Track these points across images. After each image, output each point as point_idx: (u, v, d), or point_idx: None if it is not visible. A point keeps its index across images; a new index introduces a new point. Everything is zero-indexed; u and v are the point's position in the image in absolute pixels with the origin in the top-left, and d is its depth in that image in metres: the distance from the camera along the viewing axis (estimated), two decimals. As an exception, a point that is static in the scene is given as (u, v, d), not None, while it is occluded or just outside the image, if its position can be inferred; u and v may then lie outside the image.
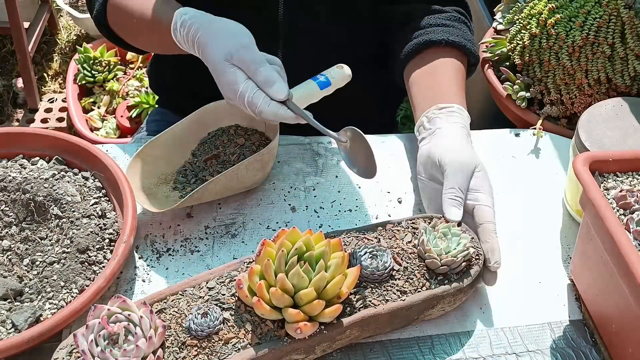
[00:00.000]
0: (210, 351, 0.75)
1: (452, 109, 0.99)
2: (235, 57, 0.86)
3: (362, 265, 0.81)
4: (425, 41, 1.09)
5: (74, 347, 0.75)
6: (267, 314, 0.76)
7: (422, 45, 1.09)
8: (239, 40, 0.88)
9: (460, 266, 0.84)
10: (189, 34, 0.91)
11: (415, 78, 1.08)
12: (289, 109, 0.87)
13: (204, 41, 0.90)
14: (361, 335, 0.82)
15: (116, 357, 0.72)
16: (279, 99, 0.86)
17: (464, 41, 1.10)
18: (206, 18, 0.92)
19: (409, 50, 1.10)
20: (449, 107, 0.99)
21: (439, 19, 1.12)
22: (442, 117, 0.98)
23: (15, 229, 0.88)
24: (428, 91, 1.05)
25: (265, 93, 0.86)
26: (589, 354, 0.85)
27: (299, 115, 0.87)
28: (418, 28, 1.11)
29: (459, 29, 1.11)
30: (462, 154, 0.92)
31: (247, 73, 0.86)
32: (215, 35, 0.89)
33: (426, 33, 1.10)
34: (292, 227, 0.80)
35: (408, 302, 0.81)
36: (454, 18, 1.13)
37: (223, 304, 0.80)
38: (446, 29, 1.10)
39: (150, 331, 0.74)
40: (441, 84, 1.05)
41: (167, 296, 0.81)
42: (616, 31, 1.13)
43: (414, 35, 1.11)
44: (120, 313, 0.75)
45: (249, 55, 0.86)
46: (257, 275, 0.78)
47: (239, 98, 0.87)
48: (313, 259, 0.78)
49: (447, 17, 1.13)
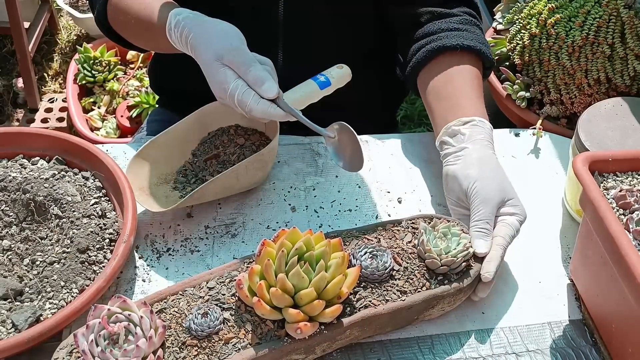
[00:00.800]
0: (211, 351, 0.75)
1: (474, 122, 0.97)
2: (226, 57, 0.87)
3: (362, 265, 0.81)
4: (439, 47, 1.06)
5: (74, 347, 0.75)
6: (267, 314, 0.76)
7: (436, 51, 1.06)
8: (230, 41, 0.89)
9: (460, 266, 0.84)
10: (182, 35, 0.92)
11: (432, 87, 1.06)
12: (279, 107, 0.88)
13: (196, 42, 0.90)
14: (361, 335, 0.82)
15: (116, 357, 0.72)
16: (268, 97, 0.87)
17: (478, 45, 1.07)
18: (198, 19, 0.93)
19: (422, 57, 1.07)
20: (471, 120, 0.97)
21: (451, 22, 1.09)
22: (466, 133, 0.96)
23: (16, 228, 0.88)
24: (447, 102, 1.02)
25: (255, 92, 0.87)
26: (589, 354, 0.85)
27: (289, 113, 0.88)
28: (429, 33, 1.09)
29: (473, 32, 1.08)
30: (494, 185, 0.90)
31: (238, 73, 0.87)
32: (207, 36, 0.90)
33: (439, 39, 1.07)
34: (292, 227, 0.80)
35: (408, 302, 0.81)
36: (466, 21, 1.10)
37: (223, 304, 0.80)
38: (459, 33, 1.07)
39: (151, 331, 0.74)
40: (460, 93, 1.02)
41: (167, 296, 0.81)
42: (616, 31, 1.13)
43: (425, 40, 1.08)
44: (121, 313, 0.75)
45: (240, 55, 0.87)
46: (258, 275, 0.78)
47: (229, 97, 0.88)
48: (313, 259, 0.78)
49: (459, 21, 1.09)
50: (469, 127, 0.97)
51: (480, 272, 0.85)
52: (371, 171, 1.07)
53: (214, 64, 0.88)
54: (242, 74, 0.87)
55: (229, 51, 0.87)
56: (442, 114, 1.01)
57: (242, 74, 0.87)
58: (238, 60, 0.87)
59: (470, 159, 0.93)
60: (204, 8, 0.96)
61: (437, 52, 1.06)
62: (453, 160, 0.95)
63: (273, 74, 0.89)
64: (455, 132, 0.97)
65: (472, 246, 0.86)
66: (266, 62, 0.90)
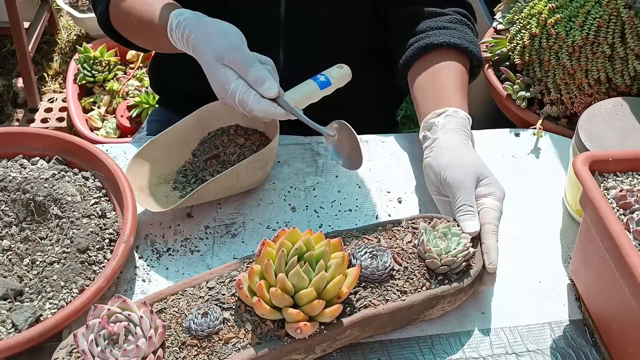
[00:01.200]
0: (211, 351, 0.75)
1: (447, 112, 0.99)
2: (227, 58, 0.88)
3: (362, 265, 0.81)
4: (427, 44, 1.08)
5: (74, 347, 0.75)
6: (267, 314, 0.76)
7: (423, 48, 1.08)
8: (230, 41, 0.89)
9: (461, 266, 0.84)
10: (184, 35, 0.93)
11: (418, 83, 1.08)
12: (280, 106, 0.88)
13: (197, 42, 0.91)
14: (361, 335, 0.82)
15: (116, 357, 0.72)
16: (269, 97, 0.87)
17: (465, 43, 1.09)
18: (199, 19, 0.93)
19: (410, 54, 1.09)
20: (443, 111, 0.99)
21: (440, 21, 1.12)
22: (439, 124, 0.98)
23: (16, 229, 0.88)
24: (429, 97, 1.05)
25: (256, 91, 0.87)
26: (589, 353, 0.85)
27: (289, 112, 0.89)
28: (418, 32, 1.11)
29: (461, 31, 1.11)
30: (464, 169, 0.91)
31: (239, 73, 0.88)
32: (207, 37, 0.90)
33: (427, 37, 1.09)
34: (292, 227, 0.80)
35: (408, 302, 0.81)
36: (455, 20, 1.12)
37: (223, 303, 0.80)
38: (447, 31, 1.10)
39: (151, 331, 0.74)
40: (442, 88, 1.04)
41: (167, 296, 0.81)
42: (616, 31, 1.13)
43: (414, 39, 1.11)
44: (121, 313, 0.75)
45: (240, 55, 0.88)
46: (257, 275, 0.78)
47: (230, 97, 0.88)
48: (313, 259, 0.78)
49: (448, 20, 1.12)
50: (442, 117, 0.99)
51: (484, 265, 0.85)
52: (371, 171, 1.07)
53: (214, 65, 0.88)
54: (243, 74, 0.87)
55: (229, 51, 0.88)
56: (424, 108, 1.04)
57: (242, 74, 0.87)
58: (238, 60, 0.87)
59: (439, 148, 0.95)
60: (204, 8, 0.96)
61: (424, 49, 1.09)
62: (428, 152, 0.98)
63: (274, 73, 0.90)
64: (431, 125, 0.99)
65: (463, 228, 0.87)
66: (267, 62, 0.91)
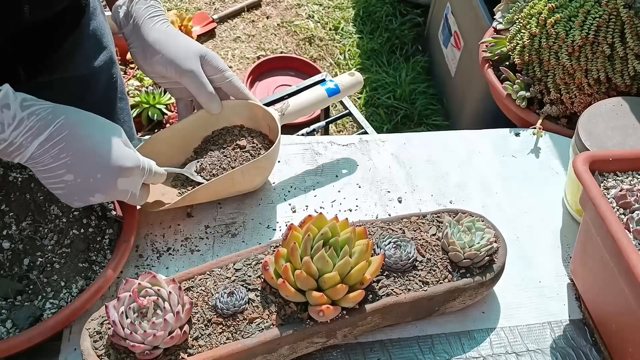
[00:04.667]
0: (235, 329, 0.77)
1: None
2: None
3: (385, 255, 0.82)
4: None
5: (105, 318, 0.77)
6: (292, 296, 0.78)
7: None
8: None
9: (483, 260, 0.84)
10: None
11: None
12: None
13: None
14: (382, 323, 0.83)
15: (145, 330, 0.74)
16: None
17: None
18: None
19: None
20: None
21: None
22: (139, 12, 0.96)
23: (15, 228, 0.88)
24: None
25: None
26: (589, 353, 0.85)
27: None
28: None
29: None
30: (187, 63, 0.93)
31: None
32: None
33: None
34: (318, 214, 0.82)
35: (430, 293, 0.82)
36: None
37: (249, 284, 0.81)
38: None
39: (178, 307, 0.76)
40: None
41: (195, 275, 0.83)
42: (616, 31, 1.13)
43: None
44: (150, 288, 0.77)
45: None
46: (283, 258, 0.80)
47: None
48: (338, 245, 0.79)
49: None
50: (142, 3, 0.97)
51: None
52: (371, 171, 1.07)
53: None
54: None
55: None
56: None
57: None
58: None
59: (149, 42, 0.94)
60: None
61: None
62: (138, 47, 0.96)
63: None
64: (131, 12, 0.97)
65: (209, 110, 0.95)
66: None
